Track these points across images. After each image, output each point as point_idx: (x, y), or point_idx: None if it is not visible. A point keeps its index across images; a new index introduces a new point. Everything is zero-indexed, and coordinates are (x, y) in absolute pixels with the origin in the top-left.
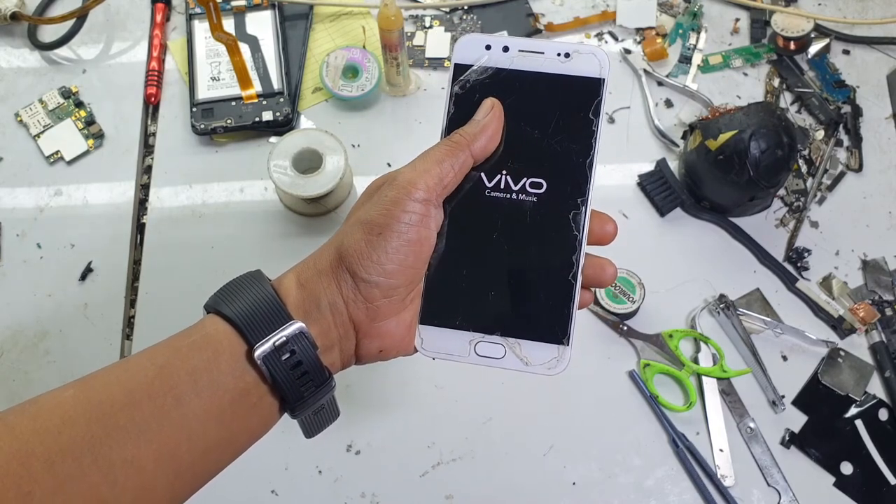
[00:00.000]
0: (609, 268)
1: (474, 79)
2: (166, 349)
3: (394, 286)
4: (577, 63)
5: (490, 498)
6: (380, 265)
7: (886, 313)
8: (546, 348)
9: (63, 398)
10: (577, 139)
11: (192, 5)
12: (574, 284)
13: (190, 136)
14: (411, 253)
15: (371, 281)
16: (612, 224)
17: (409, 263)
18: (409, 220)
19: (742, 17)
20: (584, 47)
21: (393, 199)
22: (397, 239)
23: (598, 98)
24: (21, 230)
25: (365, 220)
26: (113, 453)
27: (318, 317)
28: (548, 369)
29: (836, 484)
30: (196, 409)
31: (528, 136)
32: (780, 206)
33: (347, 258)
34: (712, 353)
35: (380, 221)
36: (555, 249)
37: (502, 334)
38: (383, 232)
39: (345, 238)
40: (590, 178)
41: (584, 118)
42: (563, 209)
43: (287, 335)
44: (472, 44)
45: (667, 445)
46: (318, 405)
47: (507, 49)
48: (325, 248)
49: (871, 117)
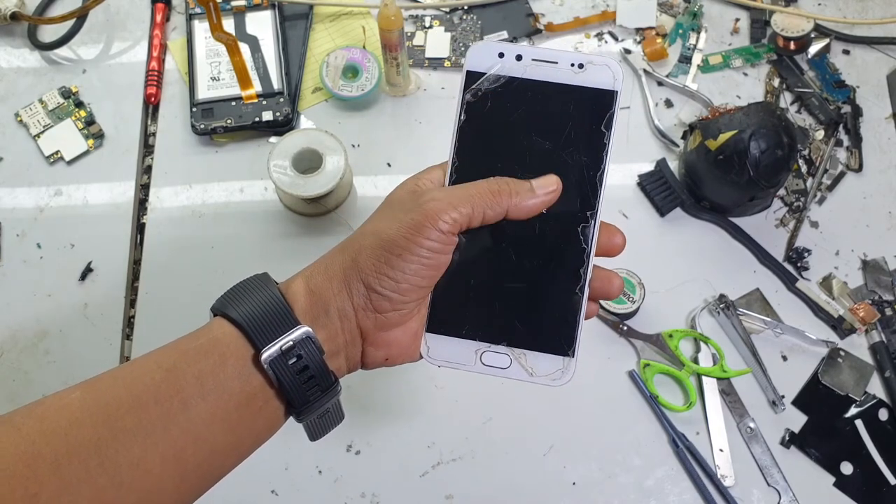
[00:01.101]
0: (616, 280)
1: (487, 87)
2: (173, 352)
3: (405, 301)
4: (590, 74)
5: (490, 498)
6: (395, 282)
7: (886, 313)
8: (551, 360)
9: (70, 400)
10: (588, 152)
11: (192, 5)
12: (581, 297)
13: (190, 136)
14: (428, 276)
15: (385, 295)
16: (620, 236)
17: (423, 284)
18: (431, 247)
19: (742, 17)
20: (598, 58)
21: (417, 225)
22: (417, 263)
23: (610, 111)
24: (21, 230)
25: (386, 239)
26: (119, 456)
27: (326, 322)
28: (552, 380)
29: (836, 484)
30: (202, 412)
31: (539, 147)
32: (780, 206)
33: (364, 271)
34: (712, 353)
35: (401, 244)
36: (563, 262)
37: (508, 344)
38: (403, 255)
39: (363, 250)
40: (600, 191)
41: (595, 131)
42: (572, 222)
43: (294, 339)
44: (485, 51)
45: (667, 445)
46: (323, 409)
47: (520, 58)
48: (337, 254)
49: (871, 117)
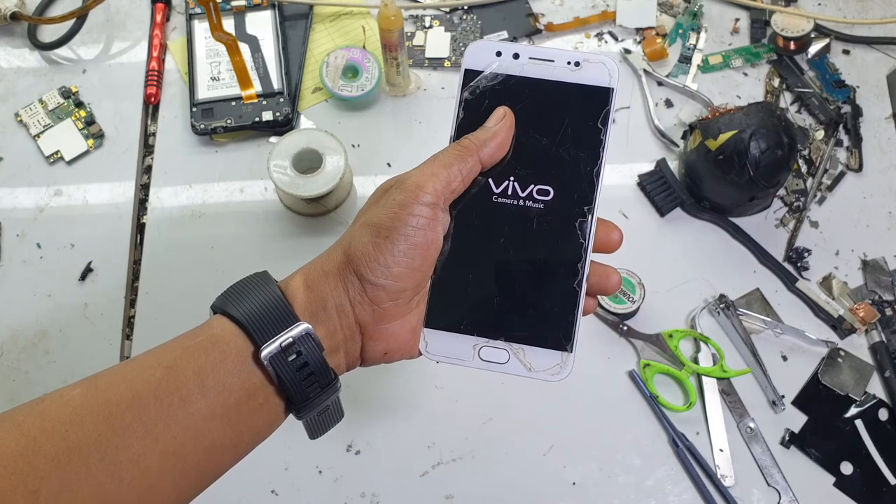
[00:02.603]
0: (614, 275)
1: (484, 85)
2: (173, 349)
3: (400, 289)
4: (587, 72)
5: (490, 498)
6: (386, 268)
7: (886, 313)
8: (550, 354)
9: (70, 397)
10: (585, 148)
11: (192, 5)
12: (579, 292)
13: (190, 136)
14: (418, 256)
15: (378, 283)
16: (617, 232)
17: (415, 266)
18: (417, 223)
19: (742, 17)
20: (594, 56)
21: (401, 203)
22: (405, 242)
23: (606, 108)
24: (21, 230)
25: (373, 223)
26: (119, 452)
27: (325, 318)
28: (551, 375)
29: (836, 484)
30: (202, 409)
31: (537, 144)
32: (780, 206)
33: (355, 260)
34: (712, 353)
35: (387, 224)
36: (560, 257)
37: (506, 339)
38: (390, 235)
39: (352, 241)
40: (597, 186)
41: (592, 127)
42: (570, 217)
43: (294, 336)
44: (483, 50)
45: (667, 445)
46: (323, 406)
47: (517, 56)
48: (332, 250)
49: (871, 117)
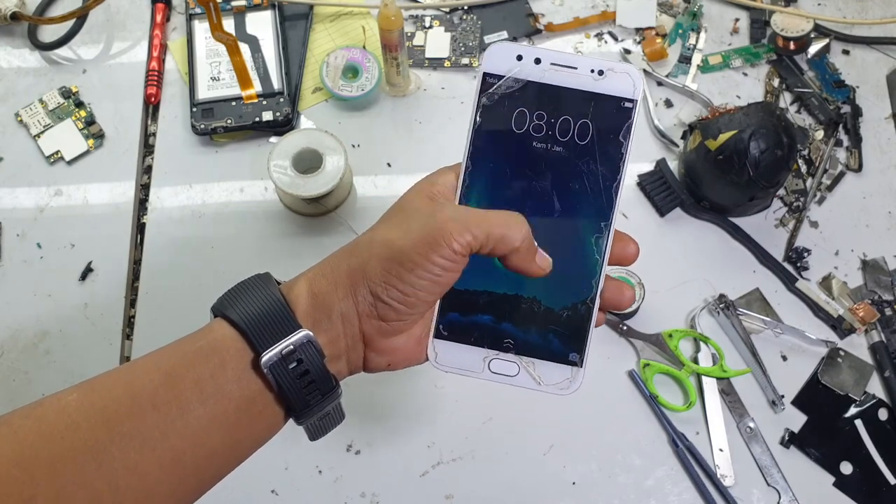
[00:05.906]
0: (627, 291)
1: (503, 90)
2: (173, 354)
3: (410, 313)
4: (610, 82)
5: (490, 498)
6: (404, 295)
7: (886, 313)
8: (560, 369)
9: (67, 402)
10: (605, 162)
11: (192, 5)
12: (592, 307)
13: (190, 136)
14: (437, 291)
15: (391, 305)
16: (633, 245)
17: (431, 299)
18: (443, 265)
19: (742, 17)
20: (619, 65)
21: (431, 240)
22: (427, 280)
23: (629, 121)
24: (21, 230)
25: (396, 248)
26: (116, 460)
27: (328, 326)
28: (560, 390)
29: (835, 484)
30: (201, 416)
31: (555, 155)
32: (780, 206)
33: (373, 279)
34: (712, 353)
35: (413, 258)
36: (574, 272)
37: (517, 353)
38: (415, 270)
39: (372, 258)
40: (615, 202)
41: (613, 140)
42: (586, 233)
43: (294, 343)
44: (503, 53)
45: (667, 445)
46: (324, 412)
47: (539, 61)
48: (343, 258)
49: (870, 117)
